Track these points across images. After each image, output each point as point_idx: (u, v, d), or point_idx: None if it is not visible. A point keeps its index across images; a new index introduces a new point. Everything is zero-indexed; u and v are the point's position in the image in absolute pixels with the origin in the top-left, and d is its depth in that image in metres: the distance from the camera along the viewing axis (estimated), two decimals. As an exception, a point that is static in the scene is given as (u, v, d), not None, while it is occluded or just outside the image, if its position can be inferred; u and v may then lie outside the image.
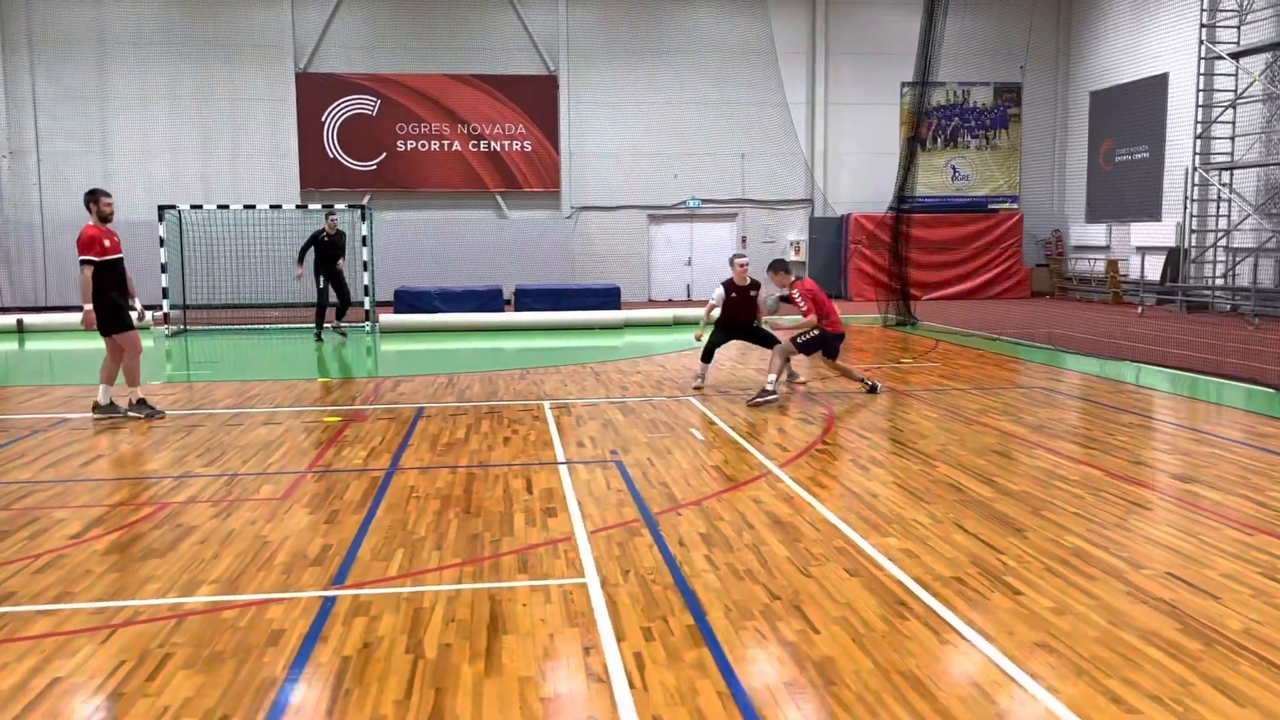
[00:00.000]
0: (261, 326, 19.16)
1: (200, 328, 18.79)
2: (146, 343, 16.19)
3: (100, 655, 4.23)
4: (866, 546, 5.61)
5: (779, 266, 10.70)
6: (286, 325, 19.17)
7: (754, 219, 26.34)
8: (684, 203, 26.04)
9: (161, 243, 17.87)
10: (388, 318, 18.87)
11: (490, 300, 20.26)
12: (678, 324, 19.51)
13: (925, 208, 25.37)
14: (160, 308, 18.15)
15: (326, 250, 16.21)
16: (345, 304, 16.92)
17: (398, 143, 25.02)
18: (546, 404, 10.43)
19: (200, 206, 18.84)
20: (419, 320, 18.93)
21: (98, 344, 10.09)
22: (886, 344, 16.10)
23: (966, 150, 26.68)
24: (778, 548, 5.62)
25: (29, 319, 19.02)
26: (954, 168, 26.70)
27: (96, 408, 9.83)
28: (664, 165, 25.79)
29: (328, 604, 4.82)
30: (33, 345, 17.32)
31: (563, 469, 7.53)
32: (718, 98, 25.62)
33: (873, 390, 10.74)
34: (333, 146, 24.75)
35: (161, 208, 17.89)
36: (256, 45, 24.16)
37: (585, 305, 20.32)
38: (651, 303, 25.11)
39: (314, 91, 24.61)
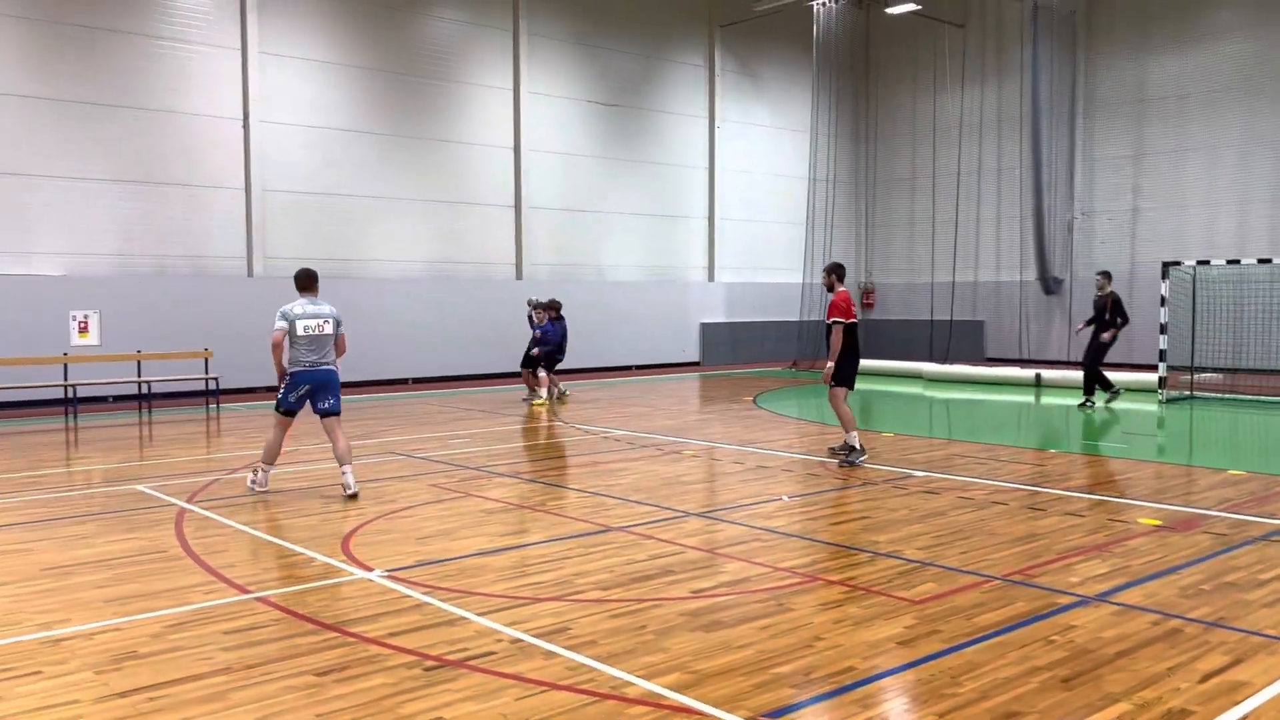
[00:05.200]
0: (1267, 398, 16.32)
1: (1208, 395, 16.80)
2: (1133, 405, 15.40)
3: (493, 711, 4.30)
4: None
5: None
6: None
7: None
8: None
9: (1163, 301, 16.45)
10: None
11: None
12: None
13: None
14: (1157, 369, 16.78)
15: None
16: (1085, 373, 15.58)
17: None
18: None
19: (1207, 262, 16.85)
20: None
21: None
22: None
23: None
24: None
25: (1046, 374, 19.51)
26: None
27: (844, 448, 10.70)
28: None
29: (717, 738, 4.06)
30: (1047, 400, 17.64)
31: (1324, 661, 4.80)
32: None
33: None
34: None
35: (1166, 264, 16.49)
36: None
37: None
38: None
39: None
